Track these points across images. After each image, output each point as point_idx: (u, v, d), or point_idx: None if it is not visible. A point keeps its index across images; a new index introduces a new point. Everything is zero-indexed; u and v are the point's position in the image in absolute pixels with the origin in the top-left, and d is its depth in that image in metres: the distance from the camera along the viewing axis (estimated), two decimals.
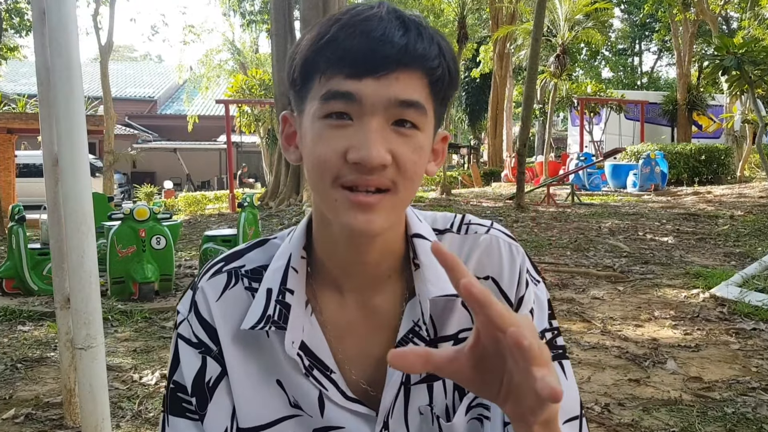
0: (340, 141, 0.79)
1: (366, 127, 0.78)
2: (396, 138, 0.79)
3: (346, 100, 0.78)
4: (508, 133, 26.87)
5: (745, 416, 3.19)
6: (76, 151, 2.42)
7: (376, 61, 0.77)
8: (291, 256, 0.92)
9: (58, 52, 2.37)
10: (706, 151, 17.48)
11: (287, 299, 0.90)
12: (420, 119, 0.81)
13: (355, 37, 0.77)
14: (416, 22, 0.80)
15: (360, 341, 0.93)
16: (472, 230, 0.99)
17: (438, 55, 0.80)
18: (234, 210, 13.98)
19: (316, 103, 0.80)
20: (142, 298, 5.85)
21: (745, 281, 5.73)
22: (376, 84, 0.77)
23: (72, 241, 2.46)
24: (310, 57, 0.80)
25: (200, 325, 0.93)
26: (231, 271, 0.96)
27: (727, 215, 10.85)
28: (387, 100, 0.78)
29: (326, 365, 0.91)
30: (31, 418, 3.38)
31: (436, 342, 0.92)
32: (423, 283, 0.90)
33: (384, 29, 0.77)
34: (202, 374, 0.92)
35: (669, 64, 45.63)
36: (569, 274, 6.62)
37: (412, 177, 0.82)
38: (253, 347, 0.92)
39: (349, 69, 0.77)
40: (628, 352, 4.19)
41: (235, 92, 21.32)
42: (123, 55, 54.14)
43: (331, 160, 0.79)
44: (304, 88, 0.83)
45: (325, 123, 0.80)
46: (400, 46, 0.77)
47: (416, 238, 0.93)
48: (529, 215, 11.62)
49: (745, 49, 12.54)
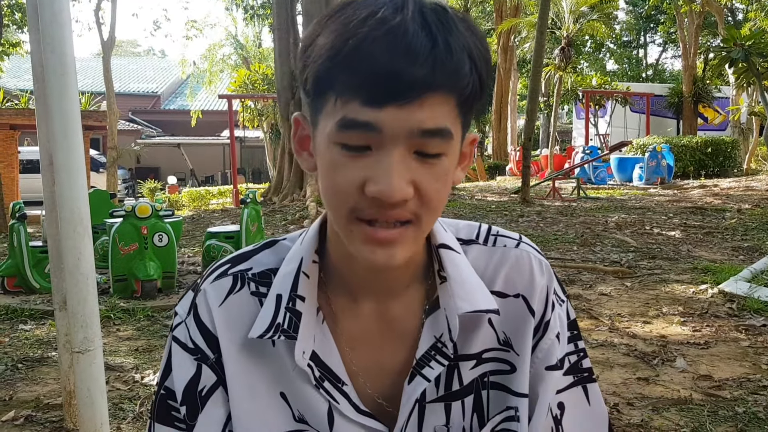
0: (358, 172, 0.71)
1: (386, 158, 0.70)
2: (419, 167, 0.72)
3: (364, 131, 0.69)
4: (512, 126, 26.79)
5: (756, 416, 3.13)
6: (71, 150, 2.37)
7: (399, 87, 0.67)
8: (302, 260, 0.86)
9: (51, 48, 2.31)
10: (713, 144, 17.39)
11: (298, 307, 0.84)
12: (445, 146, 0.72)
13: (375, 57, 0.67)
14: (445, 26, 0.70)
15: (375, 352, 0.88)
16: (501, 243, 0.93)
17: (470, 70, 0.70)
18: (238, 205, 13.94)
19: (331, 125, 0.72)
20: (144, 295, 5.81)
21: (754, 276, 5.66)
22: (398, 112, 0.68)
23: (68, 242, 2.41)
24: (323, 74, 0.71)
25: (198, 331, 0.87)
26: (237, 274, 0.89)
27: (735, 209, 10.76)
28: (410, 130, 0.69)
29: (338, 377, 0.85)
30: (31, 420, 3.33)
31: (458, 360, 0.87)
32: (451, 297, 0.84)
33: (408, 45, 0.67)
34: (195, 382, 0.86)
35: (674, 56, 45.43)
36: (576, 270, 6.56)
37: (437, 207, 0.75)
38: (257, 357, 0.86)
39: (368, 95, 0.68)
40: (637, 350, 4.13)
41: (239, 87, 21.28)
42: (126, 50, 54.11)
43: (348, 192, 0.72)
44: (317, 101, 0.74)
45: (342, 152, 0.72)
46: (428, 68, 0.67)
47: (442, 248, 0.87)
48: (534, 209, 11.55)
49: (752, 41, 12.45)
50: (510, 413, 0.87)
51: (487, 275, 0.89)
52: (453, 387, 0.87)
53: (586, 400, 0.93)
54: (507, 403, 0.88)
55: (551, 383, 0.89)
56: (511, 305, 0.88)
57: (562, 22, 21.39)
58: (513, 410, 0.87)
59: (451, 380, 0.87)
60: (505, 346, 0.88)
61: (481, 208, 12.01)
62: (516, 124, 27.52)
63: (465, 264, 0.87)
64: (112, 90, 16.15)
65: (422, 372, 0.84)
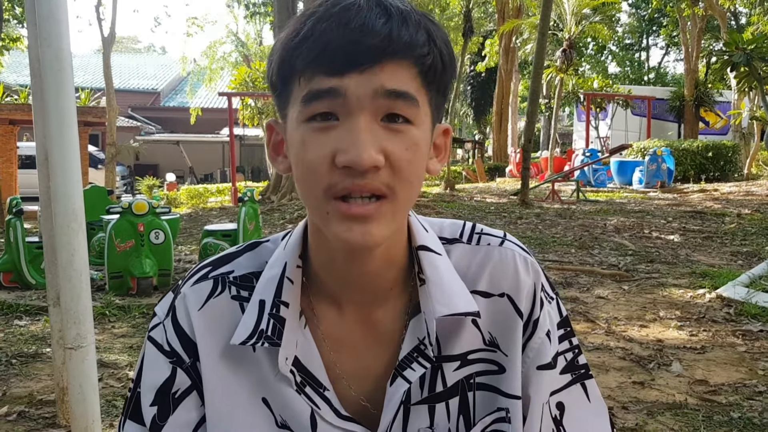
0: (327, 144, 0.72)
1: (353, 125, 0.71)
2: (387, 135, 0.73)
3: (329, 98, 0.71)
4: (513, 128, 26.79)
5: (751, 421, 3.12)
6: (66, 146, 2.35)
7: (358, 54, 0.70)
8: (286, 265, 0.85)
9: (47, 43, 2.29)
10: (714, 148, 17.38)
11: (282, 313, 0.83)
12: (412, 112, 0.73)
13: (332, 30, 0.70)
14: (400, 8, 0.73)
15: (359, 356, 0.87)
16: (485, 241, 0.92)
17: (427, 42, 0.73)
18: (236, 203, 13.93)
19: (298, 107, 0.74)
20: (140, 293, 5.80)
21: (752, 281, 5.65)
22: (360, 77, 0.70)
23: (61, 238, 2.39)
24: (286, 57, 0.74)
25: (176, 334, 0.86)
26: (218, 278, 0.88)
27: (734, 213, 10.75)
28: (373, 91, 0.71)
29: (319, 381, 0.85)
30: (24, 416, 3.32)
31: (441, 361, 0.86)
32: (429, 300, 0.84)
33: (364, 18, 0.70)
34: (169, 384, 0.85)
35: (676, 59, 45.48)
36: (573, 273, 6.55)
37: (410, 178, 0.74)
38: (237, 363, 0.84)
39: (329, 65, 0.70)
40: (633, 354, 4.12)
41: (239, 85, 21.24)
42: (127, 46, 54.09)
43: (320, 168, 0.72)
44: (285, 92, 0.76)
45: (310, 126, 0.73)
46: (383, 35, 0.70)
47: (422, 250, 0.86)
48: (533, 212, 11.54)
49: (754, 45, 12.46)
50: (500, 414, 0.87)
51: (471, 274, 0.88)
52: (437, 389, 0.86)
53: (586, 398, 0.92)
54: (497, 404, 0.87)
55: (544, 383, 0.88)
56: (496, 305, 0.88)
57: (564, 23, 21.38)
58: (503, 411, 0.86)
59: (435, 382, 0.86)
60: (491, 346, 0.88)
61: (480, 209, 11.99)
62: (516, 126, 27.53)
63: (445, 265, 0.87)
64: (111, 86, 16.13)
65: (403, 373, 0.84)
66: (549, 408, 0.88)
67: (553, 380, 0.89)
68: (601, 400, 0.94)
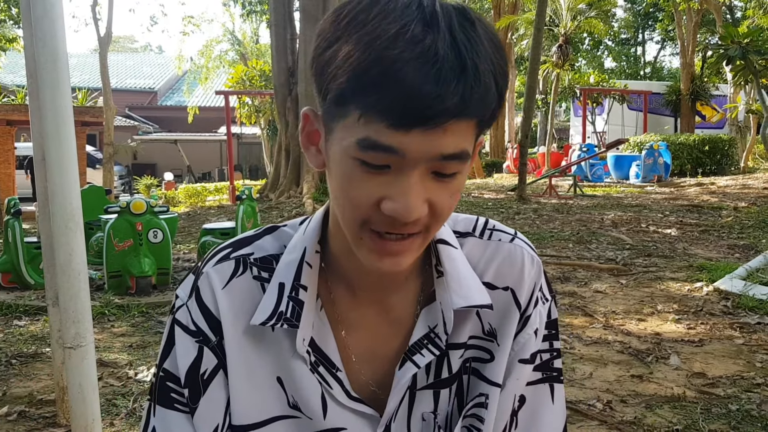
0: (375, 188, 0.71)
1: (406, 179, 0.70)
2: (435, 186, 0.73)
3: (387, 153, 0.69)
4: (510, 123, 26.79)
5: (749, 413, 3.13)
6: (63, 145, 2.35)
7: (428, 114, 0.66)
8: (306, 250, 0.88)
9: (43, 42, 2.29)
10: (710, 142, 17.39)
11: (300, 296, 0.86)
12: (462, 166, 0.73)
13: (406, 81, 0.65)
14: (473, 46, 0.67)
15: (371, 339, 0.90)
16: (496, 236, 0.95)
17: (494, 93, 0.69)
18: (234, 202, 13.93)
19: (351, 141, 0.70)
20: (139, 292, 5.80)
21: (749, 274, 5.66)
22: (423, 137, 0.67)
23: (60, 238, 2.39)
24: (347, 91, 0.68)
25: (201, 313, 0.87)
26: (239, 259, 0.90)
27: (731, 207, 10.77)
28: (431, 155, 0.69)
29: (333, 362, 0.87)
30: (24, 416, 3.33)
31: (448, 349, 0.89)
32: (447, 292, 0.87)
33: (439, 72, 0.65)
34: (197, 365, 0.87)
35: (672, 53, 45.44)
36: (571, 267, 6.56)
37: (446, 218, 0.77)
38: (257, 342, 0.87)
39: (395, 120, 0.67)
40: (631, 347, 4.13)
41: (236, 83, 21.26)
42: (123, 46, 53.98)
43: (362, 206, 0.73)
44: (335, 110, 0.72)
45: (360, 166, 0.71)
46: (457, 96, 0.66)
47: (440, 244, 0.89)
48: (530, 207, 11.55)
49: (750, 39, 12.46)
50: (480, 400, 0.90)
51: (480, 267, 0.91)
52: (443, 375, 0.90)
53: (551, 398, 0.95)
54: (479, 389, 0.91)
55: (522, 375, 0.92)
56: (499, 297, 0.91)
57: (560, 19, 21.37)
58: (483, 397, 0.90)
59: (441, 368, 0.90)
60: (489, 336, 0.91)
61: (477, 205, 12.00)
62: (513, 122, 27.53)
63: (461, 259, 0.90)
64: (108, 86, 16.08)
65: (413, 358, 0.87)
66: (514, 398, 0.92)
67: (528, 374, 0.93)
68: (564, 406, 0.97)
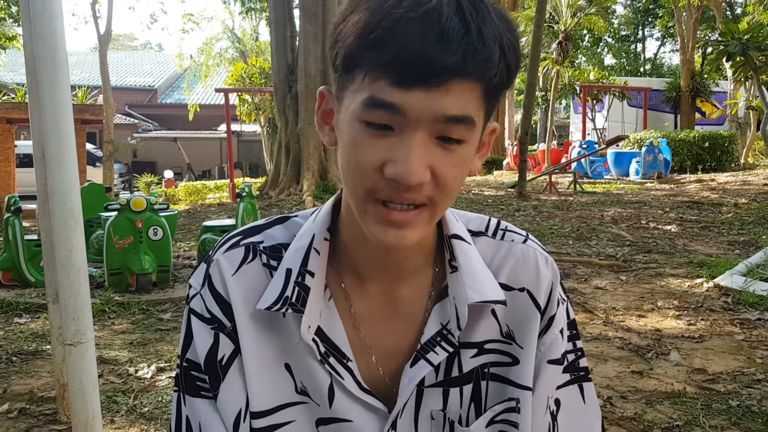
0: (378, 151, 0.72)
1: (407, 142, 0.71)
2: (439, 153, 0.73)
3: (389, 112, 0.70)
4: (510, 120, 26.73)
5: (750, 409, 3.13)
6: (62, 142, 2.34)
7: (429, 71, 0.67)
8: (314, 237, 0.88)
9: (42, 39, 2.29)
10: (710, 139, 17.39)
11: (307, 282, 0.85)
12: (468, 134, 0.73)
13: (409, 37, 0.67)
14: (479, 13, 0.69)
15: (380, 332, 0.89)
16: (509, 237, 0.95)
17: (499, 59, 0.70)
18: (234, 199, 13.92)
19: (357, 103, 0.72)
20: (139, 289, 5.80)
21: (749, 270, 5.67)
22: (426, 96, 0.68)
23: (59, 234, 2.39)
24: (354, 50, 0.71)
25: (214, 300, 0.88)
26: (249, 246, 0.90)
27: (731, 203, 10.77)
28: (434, 115, 0.70)
29: (343, 353, 0.87)
30: (24, 413, 3.33)
31: (460, 348, 0.88)
32: (461, 287, 0.86)
33: (442, 29, 0.67)
34: (214, 352, 0.87)
35: (672, 50, 45.41)
36: (571, 264, 6.56)
37: (452, 192, 0.76)
38: (267, 327, 0.87)
39: (397, 76, 0.68)
40: (631, 344, 4.13)
41: (235, 81, 21.24)
42: (123, 44, 53.92)
43: (367, 170, 0.73)
44: (344, 77, 0.75)
45: (365, 129, 0.72)
46: (459, 55, 0.67)
47: (455, 239, 0.89)
48: (531, 204, 11.54)
49: (750, 35, 12.42)
50: (511, 404, 0.89)
51: (493, 267, 0.91)
52: (453, 373, 0.89)
53: (582, 399, 0.94)
54: (508, 394, 0.90)
55: (552, 377, 0.91)
56: (515, 299, 0.90)
57: (559, 16, 21.34)
58: (514, 401, 0.89)
59: (452, 367, 0.89)
60: (507, 338, 0.90)
61: (477, 202, 12.00)
62: (513, 119, 27.48)
63: (475, 255, 0.90)
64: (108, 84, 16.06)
65: (426, 356, 0.86)
66: (549, 402, 0.91)
67: (560, 376, 0.93)
68: (596, 403, 0.97)
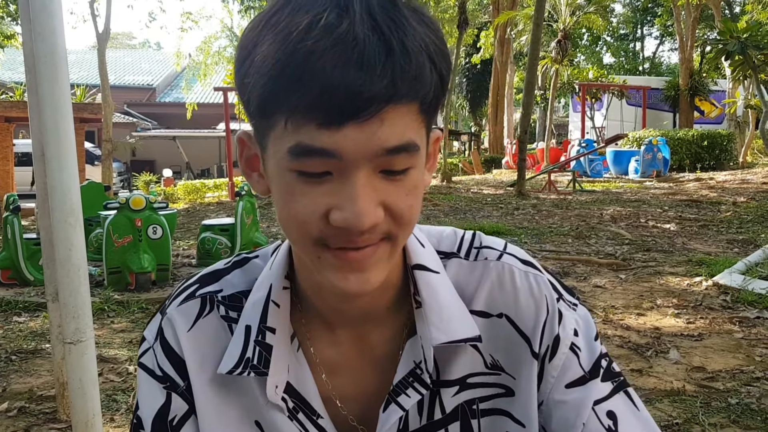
0: (319, 199, 0.64)
1: (350, 184, 0.62)
2: (386, 186, 0.64)
3: (322, 157, 0.61)
4: (509, 119, 26.76)
5: (749, 407, 3.13)
6: (62, 140, 2.35)
7: (358, 104, 0.59)
8: (271, 287, 0.80)
9: (41, 37, 2.29)
10: (709, 137, 17.42)
11: (268, 340, 0.78)
12: (413, 160, 0.65)
13: (327, 72, 0.58)
14: (397, 25, 0.61)
15: (355, 379, 0.82)
16: (483, 255, 0.83)
17: (431, 71, 0.62)
18: (233, 198, 13.92)
19: (283, 153, 0.63)
20: (138, 288, 5.80)
21: (748, 269, 5.67)
22: (359, 132, 0.60)
23: (59, 233, 2.39)
24: (268, 94, 0.61)
25: (166, 357, 0.81)
26: (205, 296, 0.83)
27: (730, 202, 10.78)
28: (372, 151, 0.61)
29: (313, 409, 0.80)
30: (24, 412, 3.33)
31: (439, 386, 0.80)
32: (425, 325, 0.77)
33: (362, 55, 0.58)
34: (165, 411, 0.81)
35: (671, 49, 45.44)
36: (570, 262, 6.56)
37: (410, 221, 0.68)
38: (228, 386, 0.80)
39: (323, 117, 0.60)
40: (630, 342, 4.13)
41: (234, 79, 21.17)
42: (122, 42, 53.94)
43: (310, 222, 0.65)
44: (263, 123, 0.65)
45: (297, 177, 0.64)
46: (387, 80, 0.59)
47: (417, 269, 0.79)
48: (530, 202, 11.55)
49: (748, 34, 12.43)
50: None
51: (468, 293, 0.81)
52: (435, 416, 0.81)
53: (634, 406, 0.81)
54: (507, 428, 0.82)
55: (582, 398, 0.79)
56: (495, 326, 0.80)
57: (558, 14, 21.37)
58: None
59: (433, 408, 0.81)
60: (494, 369, 0.81)
61: (476, 201, 12.00)
62: (512, 118, 27.50)
63: (443, 286, 0.80)
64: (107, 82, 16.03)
65: (398, 399, 0.79)
66: (598, 419, 0.78)
67: (596, 390, 0.80)
68: (646, 410, 0.84)
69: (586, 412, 0.78)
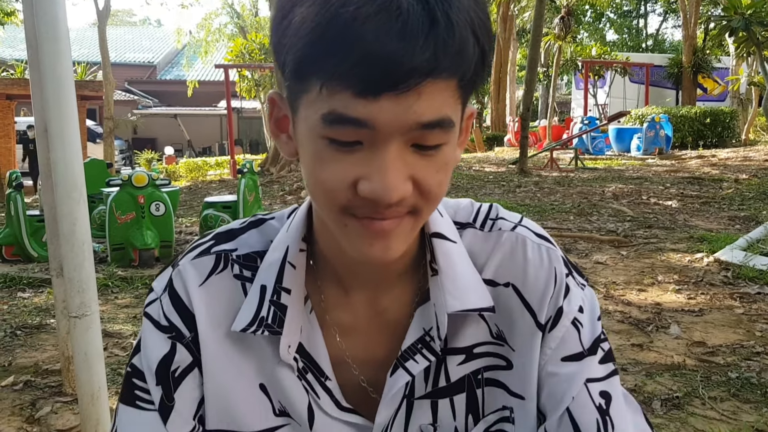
0: (349, 168, 0.63)
1: (381, 156, 0.62)
2: (417, 160, 0.64)
3: (356, 127, 0.60)
4: (511, 97, 26.64)
5: (749, 381, 3.16)
6: (64, 116, 2.34)
7: (397, 75, 0.57)
8: (288, 249, 0.80)
9: (43, 12, 2.28)
10: (711, 114, 17.33)
11: (283, 300, 0.78)
12: (447, 136, 0.64)
13: (368, 39, 0.56)
14: (444, 3, 0.58)
15: (366, 342, 0.83)
16: (497, 226, 0.83)
17: (474, 47, 0.60)
18: (235, 176, 13.92)
19: (316, 117, 0.62)
20: (142, 264, 5.83)
21: (749, 245, 5.68)
22: (395, 104, 0.59)
23: (63, 208, 2.40)
24: (306, 56, 0.60)
25: (174, 308, 0.81)
26: (220, 254, 0.83)
27: (732, 179, 10.77)
28: (407, 124, 0.60)
29: (322, 370, 0.81)
30: (30, 385, 3.36)
31: (446, 354, 0.81)
32: (441, 292, 0.77)
33: (405, 24, 0.56)
34: (168, 362, 0.80)
35: (675, 26, 45.10)
36: (572, 239, 6.58)
37: (437, 198, 0.68)
38: (238, 345, 0.80)
39: (361, 86, 0.58)
40: (631, 317, 4.15)
41: (235, 57, 21.08)
42: (122, 19, 53.57)
43: (338, 189, 0.64)
44: (297, 85, 0.64)
45: (328, 145, 0.63)
46: (429, 53, 0.57)
47: (436, 237, 0.79)
48: (532, 180, 11.54)
49: (753, 10, 12.34)
50: (504, 413, 0.82)
51: (480, 262, 0.82)
52: (440, 383, 0.81)
53: (626, 394, 0.84)
54: (503, 402, 0.82)
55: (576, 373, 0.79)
56: (501, 295, 0.81)
57: None
58: (508, 411, 0.82)
59: (439, 376, 0.81)
60: (498, 339, 0.81)
61: (478, 178, 11.99)
62: (515, 95, 27.36)
63: (460, 255, 0.80)
64: (107, 60, 15.99)
65: (405, 365, 0.79)
66: (590, 395, 0.79)
67: (591, 368, 0.80)
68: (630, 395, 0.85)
69: (576, 386, 0.78)
